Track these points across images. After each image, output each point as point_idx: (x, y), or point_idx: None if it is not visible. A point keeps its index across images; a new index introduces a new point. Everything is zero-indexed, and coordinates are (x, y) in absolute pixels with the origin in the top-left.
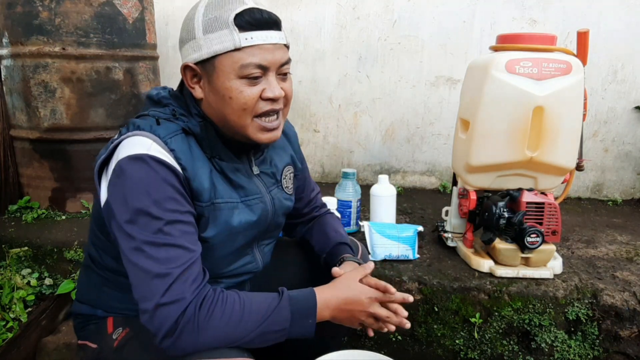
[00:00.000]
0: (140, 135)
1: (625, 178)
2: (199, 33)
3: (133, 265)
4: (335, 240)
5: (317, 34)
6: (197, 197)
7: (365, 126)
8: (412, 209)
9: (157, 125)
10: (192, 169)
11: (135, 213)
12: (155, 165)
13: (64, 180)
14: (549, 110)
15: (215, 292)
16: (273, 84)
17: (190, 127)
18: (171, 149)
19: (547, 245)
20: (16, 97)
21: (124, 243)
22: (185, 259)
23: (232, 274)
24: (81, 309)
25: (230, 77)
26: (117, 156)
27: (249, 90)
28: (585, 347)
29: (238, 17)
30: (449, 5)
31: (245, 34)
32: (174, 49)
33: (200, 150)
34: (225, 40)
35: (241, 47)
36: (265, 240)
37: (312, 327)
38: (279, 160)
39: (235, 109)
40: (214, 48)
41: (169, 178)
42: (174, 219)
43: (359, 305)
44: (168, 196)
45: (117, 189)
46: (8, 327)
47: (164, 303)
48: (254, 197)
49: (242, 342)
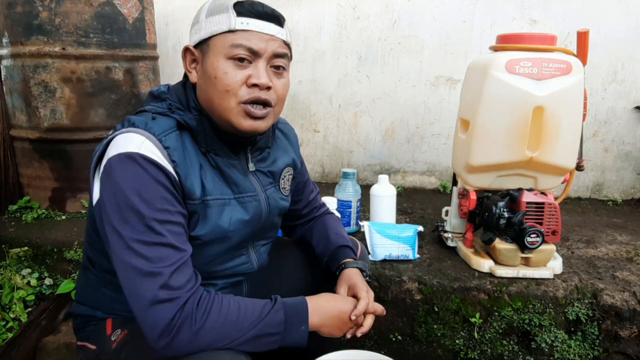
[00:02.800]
0: (134, 132)
1: (625, 178)
2: (203, 17)
3: (123, 264)
4: (336, 244)
5: (317, 34)
6: (189, 195)
7: (365, 126)
8: (412, 209)
9: (153, 120)
10: (184, 167)
11: (125, 212)
12: (145, 164)
13: (64, 180)
14: (549, 110)
15: (211, 293)
16: (261, 71)
17: (186, 121)
18: (165, 147)
19: (547, 245)
20: (16, 97)
21: (114, 242)
22: (176, 258)
23: (227, 274)
24: (80, 310)
25: (219, 57)
26: (108, 154)
27: (234, 72)
28: (585, 347)
29: (238, 5)
30: (449, 5)
31: (241, 19)
32: (174, 49)
33: (195, 146)
34: (222, 22)
35: (235, 29)
36: (261, 240)
37: (305, 334)
38: (281, 160)
39: (219, 90)
40: (212, 29)
41: (159, 177)
42: (163, 219)
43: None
44: (158, 195)
45: (108, 187)
46: (8, 327)
47: (158, 301)
48: (247, 194)
49: (235, 344)
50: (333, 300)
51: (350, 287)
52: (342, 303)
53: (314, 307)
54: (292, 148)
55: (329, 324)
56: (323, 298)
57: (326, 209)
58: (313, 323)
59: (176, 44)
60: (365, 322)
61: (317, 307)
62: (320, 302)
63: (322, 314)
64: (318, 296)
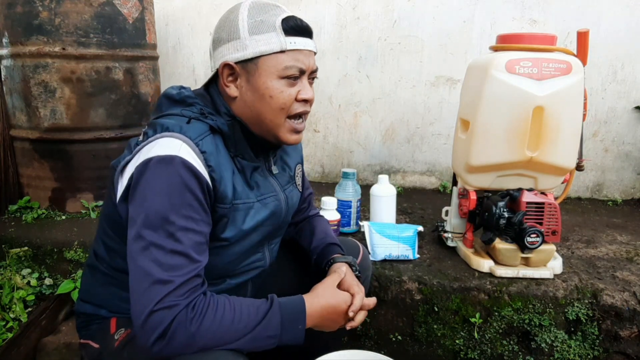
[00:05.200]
0: (171, 136)
1: (625, 178)
2: (244, 34)
3: (136, 266)
4: (325, 242)
5: (317, 33)
6: (222, 199)
7: (365, 126)
8: (412, 209)
9: (188, 124)
10: (219, 171)
11: (152, 213)
12: (181, 168)
13: (64, 180)
14: (549, 110)
15: (206, 296)
16: (307, 87)
17: (219, 126)
18: (202, 151)
19: (547, 245)
20: (16, 97)
21: (133, 241)
22: (190, 269)
23: (243, 271)
24: (84, 308)
25: (273, 77)
26: (144, 155)
27: (288, 90)
28: (585, 347)
29: (284, 22)
30: (449, 5)
31: (290, 38)
32: (174, 49)
33: (226, 150)
34: (272, 42)
35: (286, 49)
36: (275, 238)
37: (302, 333)
38: (292, 159)
39: (273, 108)
40: (261, 49)
41: (191, 184)
42: (187, 226)
43: (340, 311)
44: (187, 203)
45: (140, 187)
46: (8, 327)
47: (159, 309)
48: (269, 195)
49: (232, 347)
50: (330, 297)
51: (341, 281)
52: (338, 299)
53: (311, 305)
54: (299, 145)
55: (325, 321)
56: (319, 295)
57: (317, 211)
58: (310, 322)
59: (176, 44)
60: (357, 317)
61: (314, 305)
62: (317, 300)
63: (320, 312)
64: (314, 293)
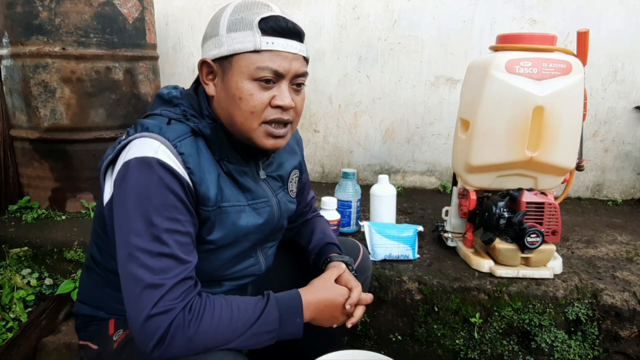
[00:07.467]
0: (149, 137)
1: (625, 178)
2: (223, 30)
3: (126, 272)
4: (323, 242)
5: (317, 33)
6: (203, 202)
7: (365, 126)
8: (412, 209)
9: (168, 125)
10: (199, 173)
11: (135, 218)
12: (160, 170)
13: (64, 180)
14: (549, 110)
15: (202, 297)
16: (284, 93)
17: (200, 129)
18: (180, 153)
19: (547, 245)
20: (16, 97)
21: (121, 248)
22: (179, 270)
23: (236, 277)
24: (83, 310)
25: (244, 78)
26: (124, 157)
27: (259, 94)
28: (585, 347)
29: (263, 22)
30: (449, 5)
31: (266, 38)
32: (174, 49)
33: (209, 152)
34: (247, 40)
35: (260, 49)
36: (269, 243)
37: (300, 326)
38: (288, 163)
39: (243, 111)
40: (235, 47)
41: (172, 185)
42: (172, 228)
43: (337, 305)
44: (169, 204)
45: (121, 191)
46: (8, 327)
47: (156, 314)
48: (261, 200)
49: (231, 345)
50: (327, 290)
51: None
52: (335, 293)
53: (307, 298)
54: (298, 150)
55: (322, 314)
56: (316, 288)
57: (317, 212)
58: (307, 315)
59: (176, 44)
60: (355, 312)
61: (311, 298)
62: (314, 293)
63: (316, 305)
64: (311, 287)
